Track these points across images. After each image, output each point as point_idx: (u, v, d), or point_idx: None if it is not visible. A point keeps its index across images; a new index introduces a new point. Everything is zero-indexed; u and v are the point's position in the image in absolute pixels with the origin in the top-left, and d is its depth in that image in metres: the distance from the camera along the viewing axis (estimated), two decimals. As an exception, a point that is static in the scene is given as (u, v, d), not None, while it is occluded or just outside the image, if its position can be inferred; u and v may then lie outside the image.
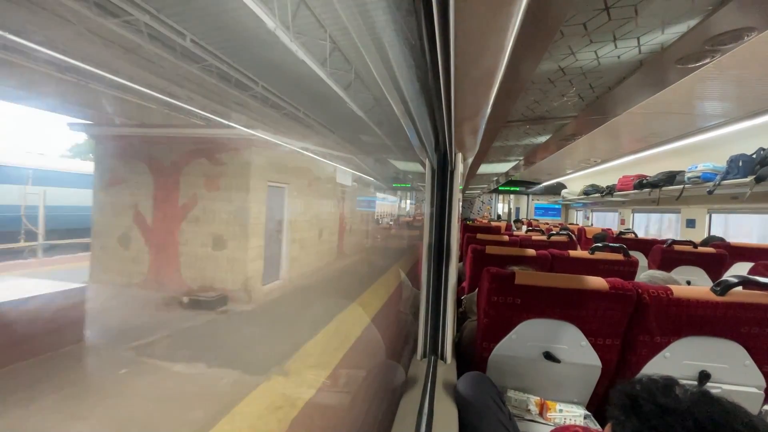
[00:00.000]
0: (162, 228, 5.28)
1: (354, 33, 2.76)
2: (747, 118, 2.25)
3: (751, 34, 1.22)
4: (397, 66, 0.76)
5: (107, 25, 2.87)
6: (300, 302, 6.06)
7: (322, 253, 8.16)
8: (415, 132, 1.09)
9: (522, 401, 1.14)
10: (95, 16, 2.74)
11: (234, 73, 4.06)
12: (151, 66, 3.98)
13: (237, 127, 5.17)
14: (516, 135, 3.31)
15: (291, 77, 5.23)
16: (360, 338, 3.31)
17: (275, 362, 3.23)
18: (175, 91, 4.58)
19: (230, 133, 5.28)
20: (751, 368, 1.07)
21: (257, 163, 5.48)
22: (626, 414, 0.52)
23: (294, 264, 6.66)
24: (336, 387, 2.58)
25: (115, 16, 2.86)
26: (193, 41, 3.22)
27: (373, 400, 1.41)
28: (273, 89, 4.79)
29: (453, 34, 0.49)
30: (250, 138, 5.33)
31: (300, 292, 6.48)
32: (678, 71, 1.60)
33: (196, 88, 4.61)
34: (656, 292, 1.10)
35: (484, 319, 1.19)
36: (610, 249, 2.08)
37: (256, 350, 3.83)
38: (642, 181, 4.03)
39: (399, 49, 0.73)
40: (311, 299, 6.37)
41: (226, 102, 5.30)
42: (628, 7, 1.24)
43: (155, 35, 3.12)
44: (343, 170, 9.06)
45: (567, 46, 1.56)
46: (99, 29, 3.15)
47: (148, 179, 5.31)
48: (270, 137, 5.65)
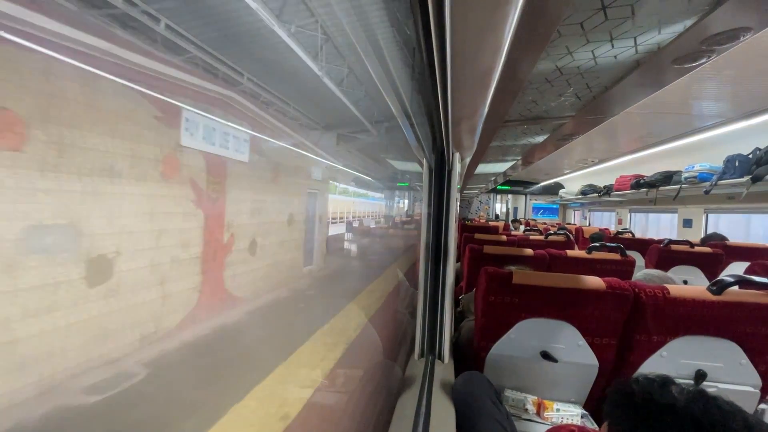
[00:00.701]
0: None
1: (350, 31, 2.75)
2: (743, 118, 2.26)
3: (747, 34, 1.22)
4: (393, 65, 0.76)
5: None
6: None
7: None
8: (413, 131, 1.09)
9: (519, 401, 1.14)
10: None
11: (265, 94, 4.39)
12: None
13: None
14: (513, 135, 3.31)
15: (279, 70, 5.30)
16: (373, 319, 3.37)
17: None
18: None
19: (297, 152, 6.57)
20: (746, 367, 1.08)
21: (306, 175, 6.88)
22: (622, 413, 0.52)
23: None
24: (343, 378, 2.59)
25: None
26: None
27: (370, 399, 1.41)
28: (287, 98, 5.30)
29: (449, 34, 0.49)
30: (306, 156, 6.82)
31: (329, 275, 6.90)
32: (674, 71, 1.60)
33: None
34: (653, 291, 1.10)
35: (482, 318, 1.19)
36: (607, 249, 2.08)
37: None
38: (639, 181, 4.04)
39: (395, 48, 0.72)
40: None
41: (296, 132, 6.47)
42: (624, 7, 1.24)
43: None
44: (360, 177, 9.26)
45: (564, 46, 1.56)
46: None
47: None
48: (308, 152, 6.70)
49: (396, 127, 1.00)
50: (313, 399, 2.51)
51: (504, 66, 0.63)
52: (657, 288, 1.11)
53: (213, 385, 2.56)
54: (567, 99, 2.23)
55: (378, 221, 15.29)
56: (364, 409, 1.37)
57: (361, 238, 13.05)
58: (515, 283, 1.15)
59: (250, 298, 4.09)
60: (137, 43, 2.94)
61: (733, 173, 2.69)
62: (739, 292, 1.09)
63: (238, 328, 3.66)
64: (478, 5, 0.43)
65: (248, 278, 4.13)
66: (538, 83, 2.01)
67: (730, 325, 1.07)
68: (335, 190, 11.09)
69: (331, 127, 7.79)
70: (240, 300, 3.92)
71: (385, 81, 0.83)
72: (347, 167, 10.77)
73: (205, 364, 2.88)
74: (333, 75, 4.51)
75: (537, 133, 3.22)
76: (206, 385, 2.55)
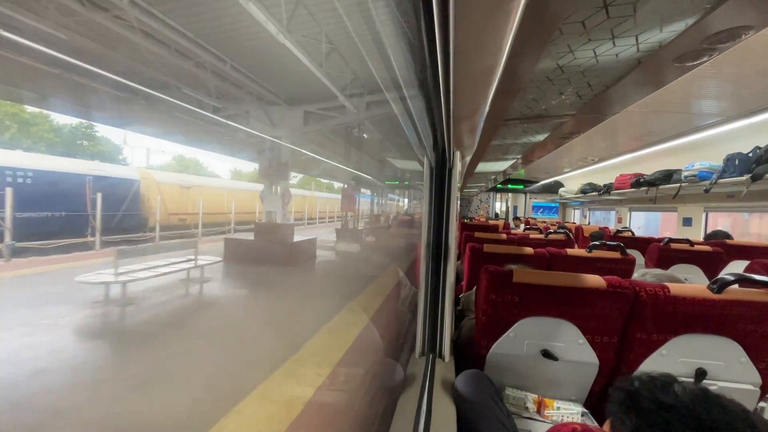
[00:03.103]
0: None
1: (353, 30, 2.74)
2: (743, 116, 2.26)
3: (749, 33, 1.22)
4: (396, 63, 0.76)
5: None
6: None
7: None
8: (414, 130, 1.09)
9: (520, 399, 1.15)
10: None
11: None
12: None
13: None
14: (514, 133, 3.31)
15: (279, 69, 5.29)
16: (375, 317, 3.39)
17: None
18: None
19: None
20: (747, 365, 1.08)
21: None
22: (625, 411, 0.52)
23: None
24: (344, 376, 2.59)
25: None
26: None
27: (370, 397, 1.41)
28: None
29: (452, 32, 0.48)
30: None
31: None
32: (676, 69, 1.60)
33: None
34: (653, 289, 1.10)
35: (482, 317, 1.20)
36: (607, 247, 2.08)
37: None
38: (639, 180, 4.05)
39: (398, 47, 0.72)
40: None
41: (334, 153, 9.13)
42: (626, 5, 1.23)
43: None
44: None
45: (566, 45, 1.56)
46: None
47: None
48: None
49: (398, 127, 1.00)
50: (314, 398, 2.53)
51: (505, 65, 0.63)
52: (657, 286, 1.11)
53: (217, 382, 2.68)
54: (568, 97, 2.23)
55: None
56: (365, 407, 1.37)
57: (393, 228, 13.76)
58: (515, 281, 1.15)
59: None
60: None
61: (733, 172, 2.69)
62: (740, 290, 1.10)
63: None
64: (480, 4, 0.43)
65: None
66: (539, 81, 2.01)
67: (730, 323, 1.07)
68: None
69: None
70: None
71: (387, 80, 0.83)
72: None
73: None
74: (335, 77, 4.48)
75: (537, 132, 3.22)
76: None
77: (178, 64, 5.00)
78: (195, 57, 4.95)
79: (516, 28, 0.51)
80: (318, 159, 10.11)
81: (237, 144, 9.09)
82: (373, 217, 17.91)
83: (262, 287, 5.77)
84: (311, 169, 15.21)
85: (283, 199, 7.85)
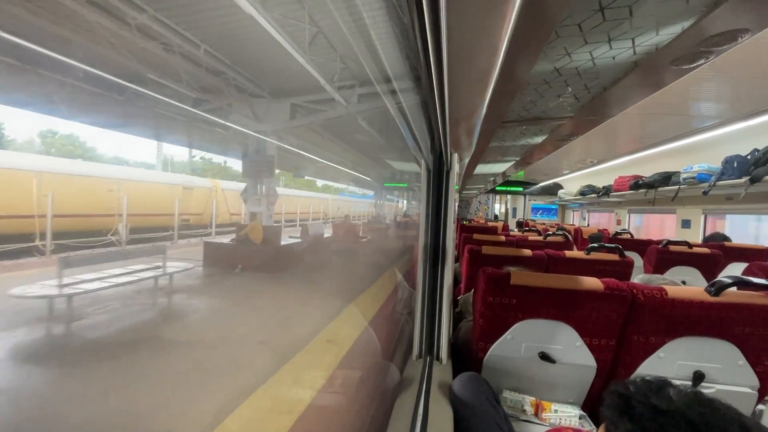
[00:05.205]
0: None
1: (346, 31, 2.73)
2: (741, 119, 2.26)
3: (745, 36, 1.22)
4: (390, 65, 0.76)
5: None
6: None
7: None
8: (410, 132, 1.09)
9: (517, 401, 1.14)
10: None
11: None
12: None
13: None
14: (512, 135, 3.32)
15: (271, 68, 5.15)
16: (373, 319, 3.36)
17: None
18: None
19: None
20: (744, 368, 1.08)
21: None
22: (619, 415, 0.52)
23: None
24: (342, 379, 2.57)
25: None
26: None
27: (368, 399, 1.41)
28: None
29: (445, 34, 0.48)
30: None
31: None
32: (673, 72, 1.60)
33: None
34: (651, 292, 1.10)
35: (480, 319, 1.19)
36: (605, 249, 2.08)
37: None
38: (638, 182, 4.05)
39: (392, 48, 0.72)
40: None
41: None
42: (622, 8, 1.24)
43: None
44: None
45: (562, 47, 1.56)
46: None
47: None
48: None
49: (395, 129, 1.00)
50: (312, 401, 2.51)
51: (502, 67, 0.63)
52: (655, 289, 1.11)
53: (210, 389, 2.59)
54: (565, 100, 2.23)
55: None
56: (361, 410, 1.36)
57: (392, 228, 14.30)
58: (513, 284, 1.15)
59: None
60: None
61: (732, 174, 2.69)
62: (737, 293, 1.10)
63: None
64: (475, 6, 0.43)
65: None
66: (536, 84, 2.01)
67: (728, 326, 1.07)
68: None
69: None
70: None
71: (382, 82, 0.83)
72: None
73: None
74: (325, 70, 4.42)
75: (536, 134, 3.22)
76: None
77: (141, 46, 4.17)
78: (161, 38, 4.28)
79: (512, 31, 0.51)
80: (313, 159, 10.06)
81: (205, 135, 8.30)
82: (369, 219, 18.16)
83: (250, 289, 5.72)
84: (304, 168, 14.91)
85: (268, 198, 7.53)
